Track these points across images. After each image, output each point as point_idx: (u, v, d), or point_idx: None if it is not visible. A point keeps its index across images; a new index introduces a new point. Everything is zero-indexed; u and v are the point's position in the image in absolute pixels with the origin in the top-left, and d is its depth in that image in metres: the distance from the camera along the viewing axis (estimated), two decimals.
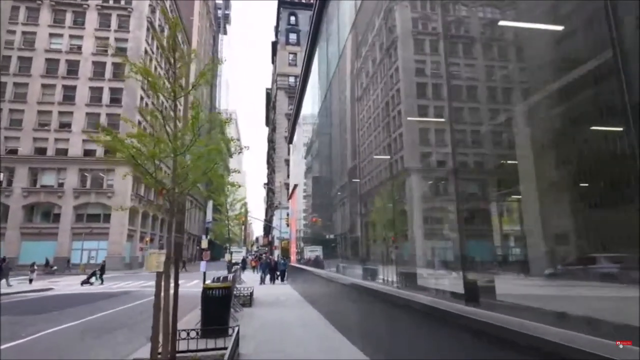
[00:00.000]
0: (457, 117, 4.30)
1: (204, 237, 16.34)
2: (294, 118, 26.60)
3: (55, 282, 26.54)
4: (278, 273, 24.40)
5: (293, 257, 24.91)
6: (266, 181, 77.17)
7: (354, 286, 7.33)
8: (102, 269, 25.78)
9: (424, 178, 5.68)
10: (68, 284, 24.55)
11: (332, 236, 13.12)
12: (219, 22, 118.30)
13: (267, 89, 78.70)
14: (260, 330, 8.76)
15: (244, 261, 44.55)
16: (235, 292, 12.99)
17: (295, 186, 24.51)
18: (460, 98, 4.37)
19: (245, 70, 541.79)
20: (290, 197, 29.60)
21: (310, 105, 18.79)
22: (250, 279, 25.52)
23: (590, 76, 2.62)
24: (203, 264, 12.56)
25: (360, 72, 9.60)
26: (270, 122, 70.18)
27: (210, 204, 16.28)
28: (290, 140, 31.40)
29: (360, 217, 8.57)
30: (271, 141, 66.27)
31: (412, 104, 6.16)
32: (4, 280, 20.71)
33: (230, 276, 10.33)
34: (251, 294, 12.94)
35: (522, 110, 3.52)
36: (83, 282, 23.49)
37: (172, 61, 5.15)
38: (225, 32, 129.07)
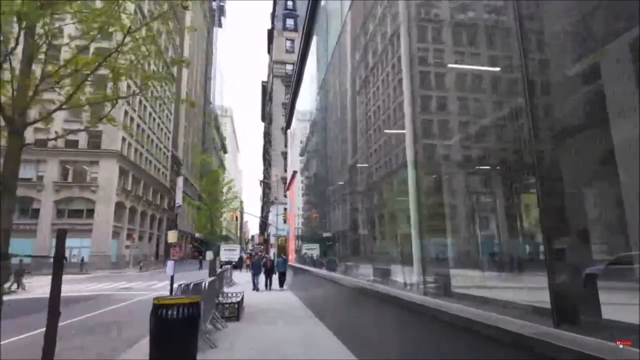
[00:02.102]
0: None
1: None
2: (291, 101, 24.04)
3: (27, 282, 23.65)
4: (276, 275, 20.06)
5: (291, 256, 22.06)
6: (262, 177, 74.07)
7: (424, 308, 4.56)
8: (20, 273, 21.11)
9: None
10: (40, 285, 21.58)
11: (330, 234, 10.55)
12: (214, 14, 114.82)
13: (263, 81, 75.40)
14: None
15: (240, 260, 41.61)
16: (219, 298, 10.17)
17: (294, 173, 21.43)
18: None
19: (240, 67, 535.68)
20: (288, 187, 26.67)
21: (308, 94, 16.79)
22: (243, 281, 22.46)
23: None
24: (170, 264, 9.26)
25: (360, 63, 8.46)
26: (266, 115, 67.21)
27: (180, 181, 13.00)
28: (288, 125, 28.69)
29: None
30: (267, 134, 63.38)
31: None
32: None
33: (206, 283, 7.35)
34: (239, 302, 10.06)
35: None
36: None
37: None
38: (220, 25, 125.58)
